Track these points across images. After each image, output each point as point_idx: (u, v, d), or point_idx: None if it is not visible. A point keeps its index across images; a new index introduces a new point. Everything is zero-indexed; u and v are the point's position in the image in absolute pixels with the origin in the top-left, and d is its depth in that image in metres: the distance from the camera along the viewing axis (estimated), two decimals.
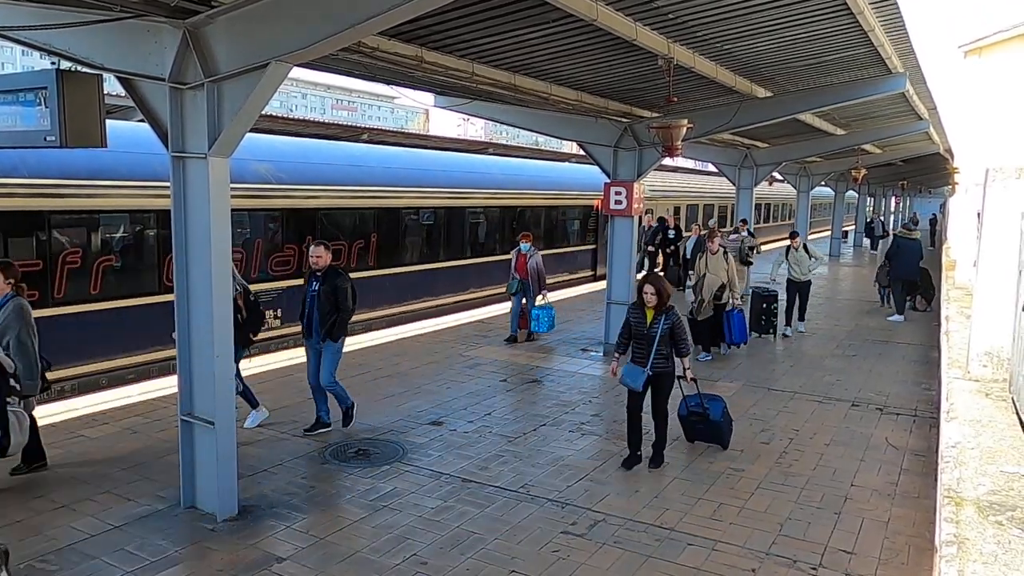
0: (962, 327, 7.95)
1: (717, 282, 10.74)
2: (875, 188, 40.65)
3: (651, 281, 6.60)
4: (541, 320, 11.77)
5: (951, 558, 2.93)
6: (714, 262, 10.85)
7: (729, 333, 10.99)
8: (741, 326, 11.10)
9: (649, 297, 6.57)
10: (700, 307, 10.80)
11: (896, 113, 16.01)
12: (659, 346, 6.53)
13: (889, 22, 8.30)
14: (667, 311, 6.56)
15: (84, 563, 4.85)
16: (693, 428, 7.31)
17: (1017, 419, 4.95)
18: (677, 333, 6.63)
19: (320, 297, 7.18)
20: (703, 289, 10.80)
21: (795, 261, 12.69)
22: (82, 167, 8.84)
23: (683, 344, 6.69)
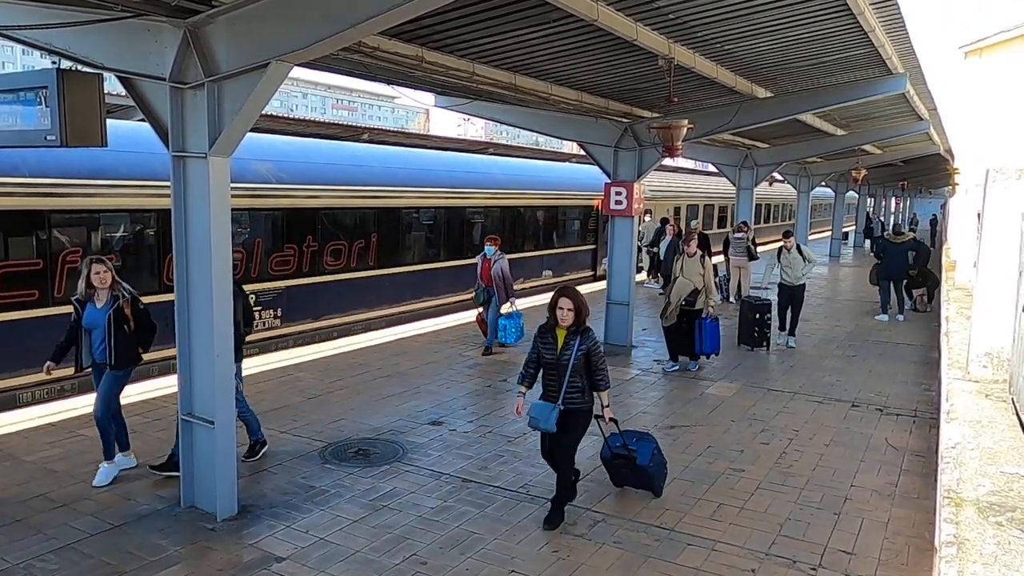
0: (962, 328, 7.95)
1: (688, 287, 10.02)
2: (875, 189, 40.65)
3: (567, 294, 5.43)
4: (508, 330, 10.89)
5: (951, 559, 2.93)
6: (689, 265, 10.15)
7: (699, 342, 10.11)
8: (714, 335, 10.21)
9: (564, 314, 5.39)
10: (666, 311, 10.19)
11: (896, 114, 16.01)
12: (572, 376, 5.39)
13: (890, 22, 8.31)
14: (583, 333, 5.43)
15: (84, 562, 4.85)
16: (619, 472, 6.17)
17: (1017, 420, 4.95)
18: (594, 361, 5.50)
19: None
20: (671, 293, 10.20)
21: (788, 264, 11.88)
22: (82, 166, 8.85)
23: (600, 375, 5.55)
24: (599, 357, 5.54)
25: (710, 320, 10.11)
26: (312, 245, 11.98)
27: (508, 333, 10.89)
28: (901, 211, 53.75)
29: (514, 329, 10.89)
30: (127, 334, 6.03)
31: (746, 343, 11.67)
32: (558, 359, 5.43)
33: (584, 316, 5.44)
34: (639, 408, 8.56)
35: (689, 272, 10.08)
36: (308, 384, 9.09)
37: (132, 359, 6.18)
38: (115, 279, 6.08)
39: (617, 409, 8.50)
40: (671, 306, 10.10)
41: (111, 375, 6.10)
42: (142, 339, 6.21)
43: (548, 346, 5.50)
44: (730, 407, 8.63)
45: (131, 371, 6.29)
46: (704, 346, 10.13)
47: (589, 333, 5.48)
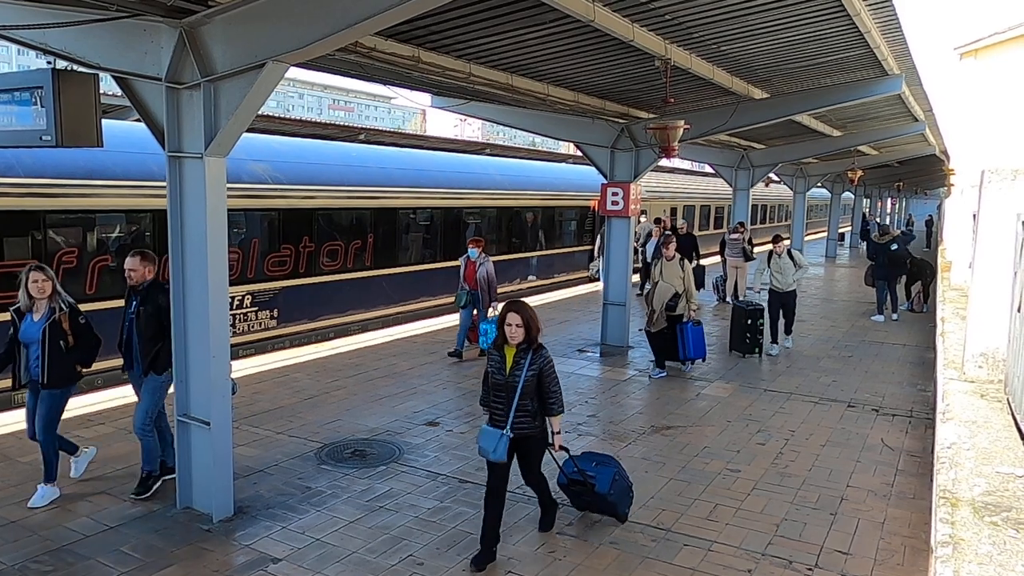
0: (958, 328, 7.97)
1: (670, 291, 9.74)
2: (871, 189, 40.76)
3: (515, 308, 4.94)
4: (490, 335, 10.74)
5: (947, 558, 2.93)
6: (669, 269, 9.90)
7: (683, 348, 9.92)
8: (698, 340, 10.02)
9: (512, 331, 4.89)
10: (651, 318, 9.89)
11: (892, 115, 16.05)
12: (522, 399, 4.89)
13: (885, 24, 8.32)
14: (535, 351, 4.93)
15: (79, 564, 4.84)
16: (577, 498, 5.73)
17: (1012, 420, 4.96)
18: (546, 382, 4.97)
19: (140, 319, 5.82)
20: (653, 299, 9.83)
21: (778, 269, 11.44)
22: (78, 167, 8.83)
23: (553, 398, 5.00)
24: (552, 378, 5.00)
25: (692, 324, 9.95)
26: (308, 246, 11.97)
27: (490, 337, 10.46)
28: (897, 212, 53.83)
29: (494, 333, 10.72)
30: (63, 350, 5.60)
31: (737, 349, 11.32)
32: (507, 380, 4.93)
33: (535, 332, 4.93)
34: (635, 409, 8.56)
35: (669, 276, 9.88)
36: (304, 385, 9.08)
37: (69, 377, 5.70)
38: (55, 289, 5.67)
39: (614, 410, 8.54)
40: (655, 313, 9.82)
41: (46, 395, 5.65)
42: (82, 356, 5.76)
43: (496, 365, 5.01)
44: (726, 407, 8.64)
45: (70, 391, 5.82)
46: (688, 351, 9.95)
47: (541, 351, 4.97)
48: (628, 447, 7.23)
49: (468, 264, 10.73)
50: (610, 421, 8.09)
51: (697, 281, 16.97)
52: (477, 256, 10.64)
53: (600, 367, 10.53)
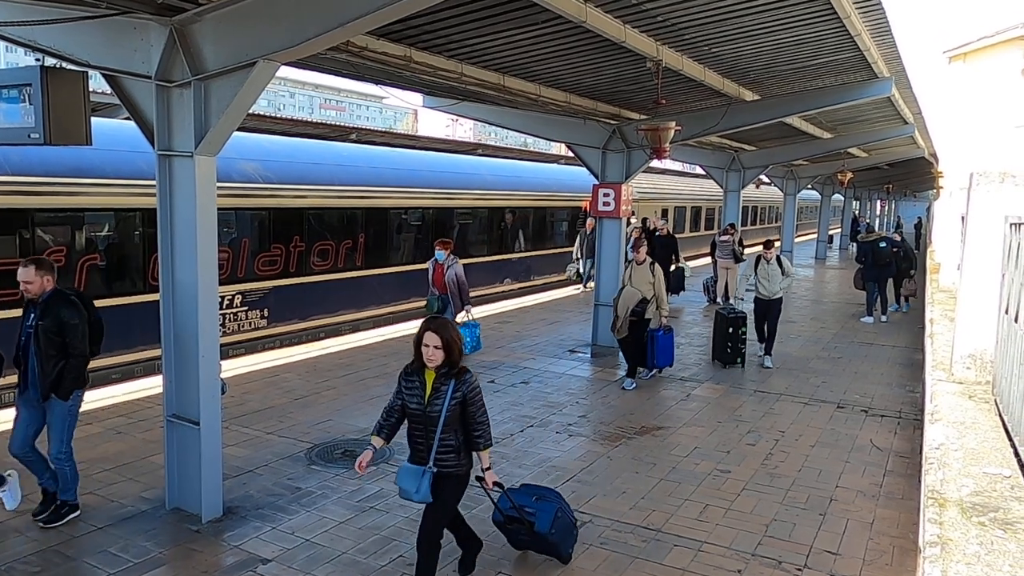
0: (946, 330, 8.02)
1: (636, 296, 9.23)
2: (861, 191, 40.96)
3: (434, 327, 4.22)
4: (464, 340, 10.59)
5: (935, 559, 2.94)
6: (639, 273, 9.39)
7: (651, 354, 9.51)
8: (666, 347, 9.59)
9: (431, 353, 4.17)
10: (615, 324, 9.36)
11: (882, 117, 16.14)
12: (444, 432, 4.19)
13: (875, 27, 8.37)
14: (458, 375, 4.22)
15: (66, 564, 4.80)
16: (515, 537, 5.09)
17: (1000, 421, 4.99)
18: (471, 412, 4.26)
19: (38, 336, 5.15)
20: (619, 304, 9.32)
21: (765, 275, 10.67)
22: (67, 165, 8.77)
23: (480, 430, 4.30)
24: (478, 408, 4.28)
25: (662, 332, 9.51)
26: (299, 245, 11.93)
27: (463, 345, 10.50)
28: (887, 214, 54.09)
29: (469, 339, 9.97)
30: None
31: (720, 359, 10.72)
32: (425, 410, 4.21)
33: (457, 355, 4.22)
34: (626, 409, 8.57)
35: (638, 281, 9.38)
36: (295, 385, 9.05)
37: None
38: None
39: (605, 411, 8.55)
40: (619, 319, 9.30)
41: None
42: None
43: (414, 392, 4.27)
44: (716, 408, 8.67)
45: None
46: (656, 359, 9.58)
47: (466, 376, 4.25)
48: (618, 447, 7.24)
49: (436, 267, 10.10)
50: (600, 422, 8.10)
51: (676, 284, 16.46)
52: (445, 258, 10.00)
53: (591, 368, 10.53)
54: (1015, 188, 5.90)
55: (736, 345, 10.58)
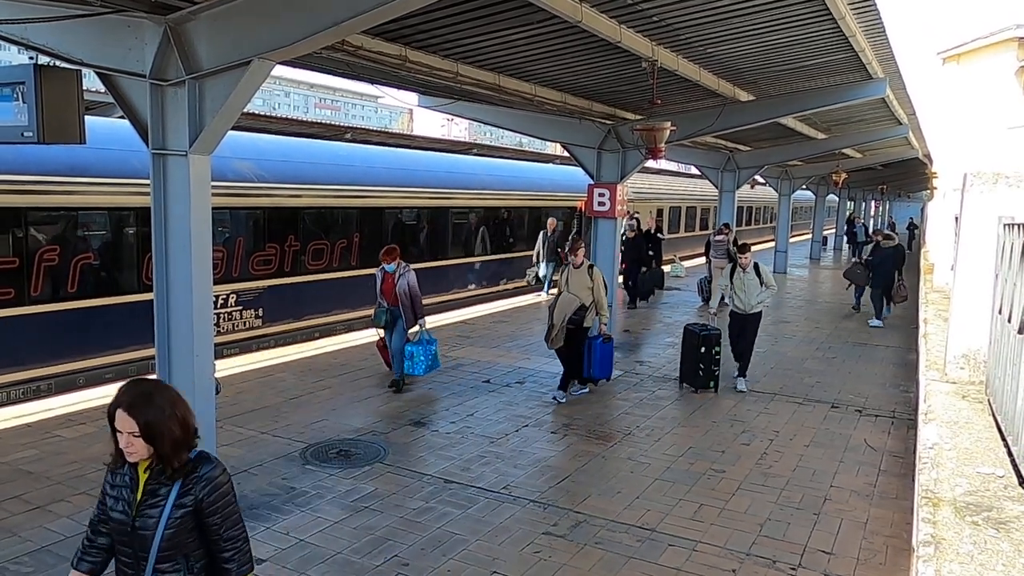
0: (940, 330, 8.05)
1: (574, 303, 8.52)
2: (855, 192, 41.07)
3: (128, 405, 2.68)
4: (416, 359, 8.80)
5: (928, 558, 2.95)
6: (576, 278, 8.67)
7: (588, 366, 8.83)
8: (605, 358, 8.94)
9: (127, 442, 2.63)
10: (549, 332, 8.60)
11: (876, 118, 16.20)
12: (163, 559, 2.60)
13: (870, 28, 8.40)
14: (190, 471, 2.62)
15: (59, 565, 4.78)
16: None
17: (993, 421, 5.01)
18: (213, 525, 2.65)
19: None
20: (555, 311, 8.54)
21: (741, 286, 9.36)
22: (61, 163, 8.74)
23: (230, 551, 2.69)
24: (225, 516, 2.67)
25: (602, 340, 8.89)
26: (294, 245, 11.91)
27: (416, 362, 8.83)
28: (881, 215, 54.21)
29: (424, 357, 8.85)
30: None
31: (689, 383, 9.34)
32: (133, 522, 2.63)
33: (171, 446, 2.59)
34: (621, 409, 8.58)
35: (576, 286, 8.64)
36: (289, 384, 9.04)
37: None
38: None
39: (600, 411, 8.54)
40: (554, 328, 8.48)
41: None
42: None
43: (119, 495, 2.70)
44: (711, 408, 8.68)
45: None
46: (593, 370, 8.84)
47: (203, 471, 2.64)
48: (613, 447, 7.25)
49: (385, 277, 8.88)
50: (595, 421, 8.10)
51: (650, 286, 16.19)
52: (394, 268, 8.83)
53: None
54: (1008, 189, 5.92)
55: (709, 367, 9.19)
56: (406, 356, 8.81)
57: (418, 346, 8.84)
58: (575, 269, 8.74)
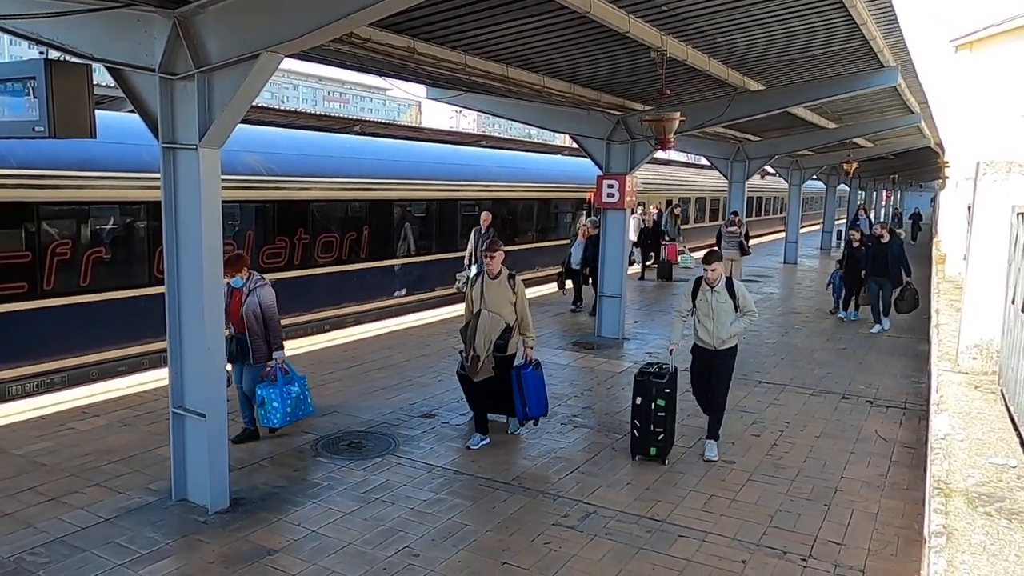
0: (952, 320, 8.01)
1: (499, 324, 6.71)
2: (866, 182, 40.78)
3: None
4: (269, 406, 6.67)
5: (940, 548, 2.95)
6: (494, 291, 6.79)
7: (520, 402, 6.90)
8: (537, 390, 7.00)
9: None
10: (474, 364, 6.68)
11: (888, 107, 16.06)
12: None
13: (881, 16, 8.32)
14: None
15: (74, 556, 4.83)
16: None
17: (1006, 411, 4.99)
18: None
19: None
20: (475, 336, 6.69)
21: (706, 310, 6.69)
22: (72, 158, 8.78)
23: None
24: None
25: (531, 369, 6.98)
26: (303, 237, 11.94)
27: (271, 411, 6.70)
28: (893, 204, 53.69)
29: (280, 403, 6.70)
30: None
31: (640, 451, 6.70)
32: None
33: None
34: (630, 400, 8.56)
35: (495, 302, 6.77)
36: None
37: None
38: None
39: (609, 402, 8.55)
40: (480, 360, 6.64)
41: None
42: None
43: None
44: None
45: None
46: (529, 407, 6.95)
47: None
48: (623, 439, 7.25)
49: (232, 294, 6.73)
50: (605, 413, 8.10)
51: None
52: (243, 283, 6.72)
53: (596, 360, 10.53)
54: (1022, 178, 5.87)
55: (649, 426, 6.58)
56: (256, 403, 6.74)
57: (271, 388, 6.69)
58: (492, 280, 6.86)
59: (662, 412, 6.56)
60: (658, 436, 6.59)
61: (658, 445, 6.59)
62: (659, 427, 6.59)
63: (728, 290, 6.70)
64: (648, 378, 6.67)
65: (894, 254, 12.39)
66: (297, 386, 6.92)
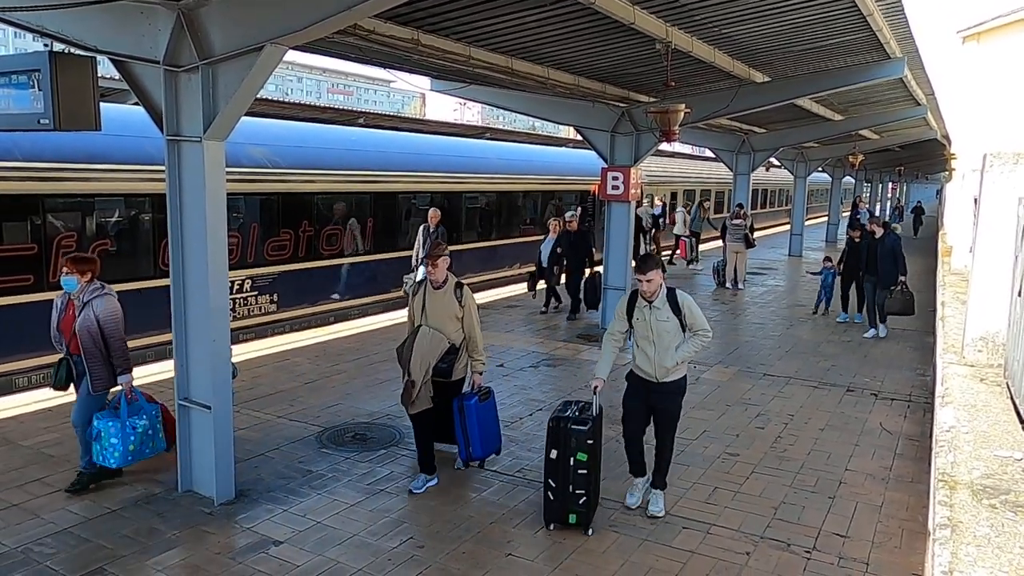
0: (957, 312, 7.98)
1: (440, 344, 5.70)
2: (872, 174, 40.62)
3: None
4: (107, 442, 5.51)
5: (945, 541, 2.95)
6: (437, 304, 5.77)
7: (464, 439, 5.90)
8: (486, 422, 6.00)
9: None
10: (408, 391, 5.66)
11: (894, 98, 15.98)
12: None
13: (888, 6, 8.27)
14: None
15: (81, 546, 4.86)
16: None
17: (1011, 404, 4.98)
18: None
19: None
20: (411, 358, 5.64)
21: (645, 331, 5.40)
22: (77, 150, 8.79)
23: None
24: None
25: (477, 400, 5.93)
26: (308, 230, 11.94)
27: (107, 448, 5.53)
28: (898, 197, 53.29)
29: (121, 439, 5.53)
30: None
31: (555, 518, 5.26)
32: None
33: None
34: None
35: (437, 316, 5.75)
36: (304, 369, 9.10)
37: None
38: None
39: (613, 395, 8.51)
40: (415, 386, 5.61)
41: None
42: None
43: None
44: (725, 391, 8.66)
45: None
46: (473, 446, 5.91)
47: None
48: None
49: (67, 305, 5.65)
50: (610, 405, 8.08)
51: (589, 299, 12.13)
52: (79, 289, 5.58)
53: (599, 352, 10.51)
54: None
55: (567, 487, 5.15)
56: (92, 436, 5.58)
57: (110, 420, 5.55)
58: (435, 290, 5.79)
59: (583, 469, 5.13)
60: (579, 500, 5.13)
61: (578, 512, 5.15)
62: (580, 488, 5.12)
63: (671, 305, 5.34)
64: (565, 424, 5.17)
65: (885, 250, 11.27)
66: (145, 419, 5.72)
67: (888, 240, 11.39)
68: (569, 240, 12.62)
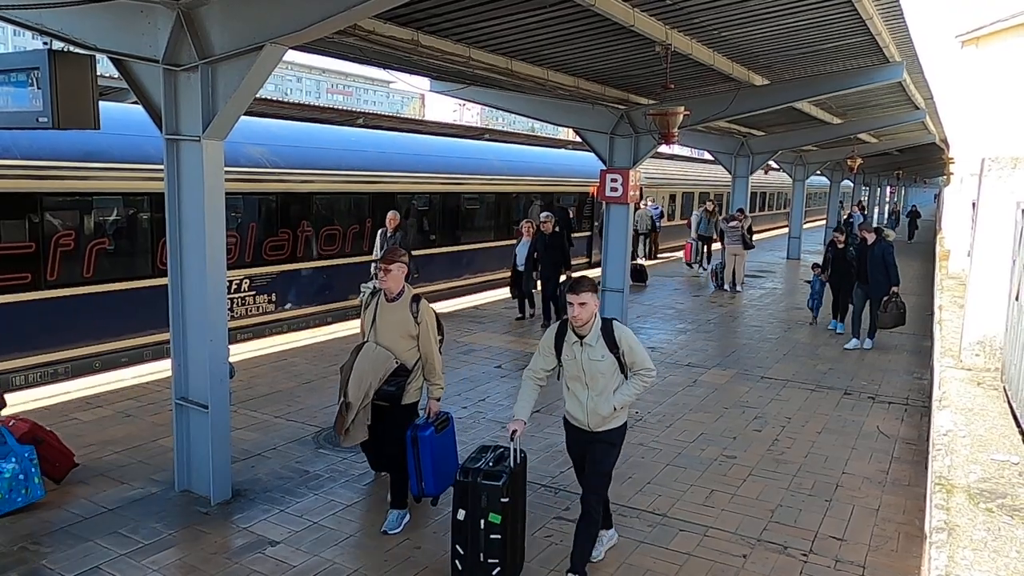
0: (955, 316, 8.00)
1: (387, 361, 5.01)
2: (871, 177, 40.67)
3: None
4: None
5: (941, 544, 2.95)
6: (389, 318, 5.10)
7: (416, 474, 5.11)
8: (439, 459, 5.18)
9: None
10: (347, 419, 5.05)
11: (893, 102, 16.01)
12: None
13: (887, 10, 8.29)
14: None
15: (78, 545, 4.85)
16: None
17: (1008, 408, 4.98)
18: None
19: None
20: (349, 381, 5.03)
21: (576, 371, 4.46)
22: (75, 149, 8.79)
23: None
24: None
25: (432, 432, 5.13)
26: (307, 230, 11.94)
27: None
28: (897, 200, 53.29)
29: None
30: None
31: None
32: None
33: None
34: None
35: (388, 332, 5.08)
36: (302, 369, 9.09)
37: None
38: None
39: None
40: (351, 410, 5.01)
41: None
42: None
43: None
44: (723, 394, 8.66)
45: None
46: (426, 481, 5.12)
47: None
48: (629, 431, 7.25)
49: None
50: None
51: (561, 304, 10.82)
52: None
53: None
54: None
55: (476, 555, 4.33)
56: None
57: None
58: (388, 302, 5.14)
59: (496, 534, 4.25)
60: (491, 570, 4.28)
61: None
62: (493, 557, 4.27)
63: (606, 340, 4.38)
64: (475, 479, 4.31)
65: (875, 258, 10.59)
66: (15, 462, 5.04)
67: (878, 248, 10.65)
68: (544, 243, 11.71)
